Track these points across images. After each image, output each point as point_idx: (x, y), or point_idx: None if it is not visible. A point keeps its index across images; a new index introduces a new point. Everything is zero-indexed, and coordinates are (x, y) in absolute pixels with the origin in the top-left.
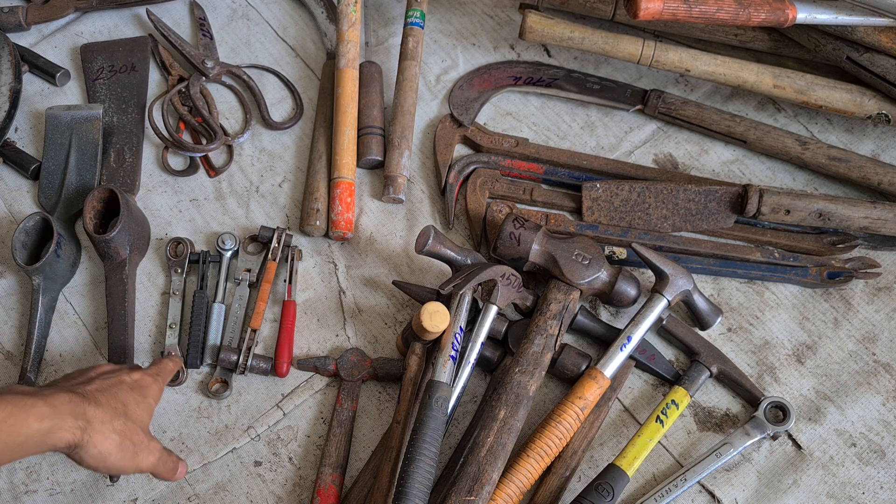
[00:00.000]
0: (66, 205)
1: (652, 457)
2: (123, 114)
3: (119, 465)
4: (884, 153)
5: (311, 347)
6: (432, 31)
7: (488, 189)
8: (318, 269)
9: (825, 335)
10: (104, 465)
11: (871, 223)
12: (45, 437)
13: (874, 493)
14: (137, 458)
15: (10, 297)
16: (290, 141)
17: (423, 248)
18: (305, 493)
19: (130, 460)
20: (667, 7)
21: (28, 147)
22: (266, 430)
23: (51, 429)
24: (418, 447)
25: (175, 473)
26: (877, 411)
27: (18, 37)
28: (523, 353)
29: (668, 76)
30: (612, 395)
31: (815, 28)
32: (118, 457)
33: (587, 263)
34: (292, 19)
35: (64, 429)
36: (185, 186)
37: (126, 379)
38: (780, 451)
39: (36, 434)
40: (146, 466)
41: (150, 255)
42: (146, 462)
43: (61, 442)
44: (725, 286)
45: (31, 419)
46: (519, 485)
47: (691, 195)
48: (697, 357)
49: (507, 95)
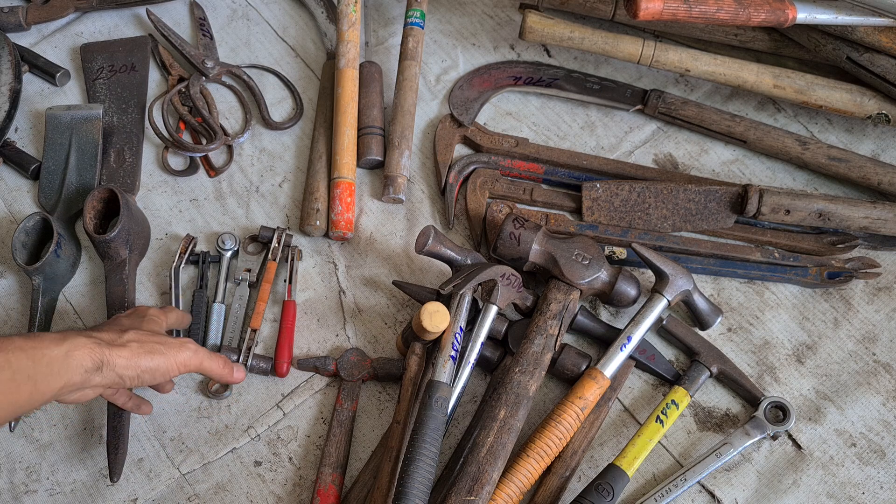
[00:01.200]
0: (66, 205)
1: (652, 457)
2: (123, 114)
3: (155, 365)
4: (884, 153)
5: (311, 347)
6: (432, 31)
7: (488, 189)
8: (318, 269)
9: (825, 335)
10: (141, 370)
11: (871, 223)
12: (68, 359)
13: (874, 493)
14: (171, 354)
15: (10, 297)
16: (290, 141)
17: (423, 248)
18: (305, 493)
19: (164, 358)
20: (667, 7)
21: (28, 147)
22: (266, 430)
23: (69, 349)
24: (418, 447)
25: (232, 373)
26: (877, 411)
27: (18, 37)
28: (523, 353)
29: (668, 76)
30: (612, 395)
31: (815, 28)
32: (149, 358)
33: (587, 263)
34: (292, 19)
35: (80, 346)
36: (185, 186)
37: (121, 315)
38: (780, 451)
39: (58, 356)
40: (185, 360)
41: (150, 255)
42: (182, 356)
43: (86, 360)
44: (725, 286)
45: (47, 342)
46: (519, 485)
47: (691, 195)
48: (697, 357)
49: (507, 95)
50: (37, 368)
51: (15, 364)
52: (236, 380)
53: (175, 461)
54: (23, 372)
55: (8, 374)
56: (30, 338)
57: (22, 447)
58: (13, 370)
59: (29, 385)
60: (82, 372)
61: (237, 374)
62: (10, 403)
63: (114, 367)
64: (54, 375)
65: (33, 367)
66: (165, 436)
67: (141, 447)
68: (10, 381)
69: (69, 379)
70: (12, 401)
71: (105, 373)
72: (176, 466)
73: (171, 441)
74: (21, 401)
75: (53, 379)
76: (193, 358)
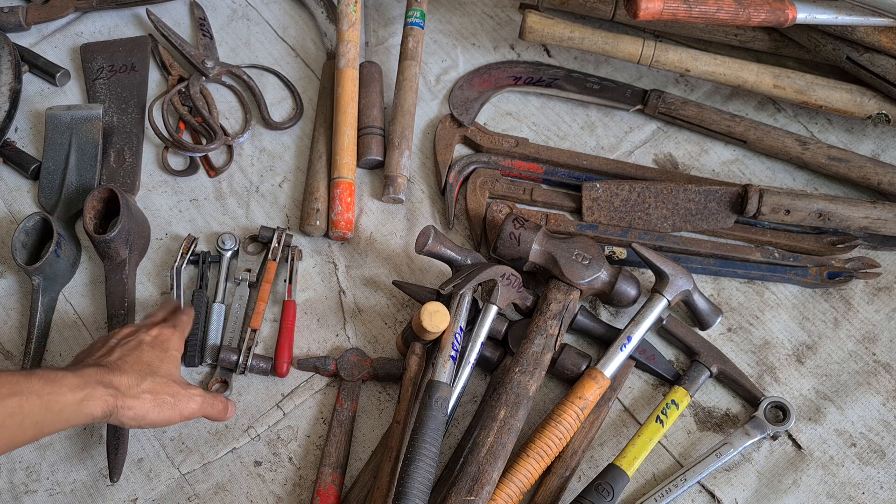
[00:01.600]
0: (66, 205)
1: (652, 457)
2: (123, 114)
3: (162, 419)
4: (884, 153)
5: (311, 347)
6: (432, 31)
7: (488, 189)
8: (318, 269)
9: (825, 335)
10: (146, 424)
11: (871, 223)
12: (80, 407)
13: (874, 493)
14: (179, 408)
15: (10, 297)
16: (290, 141)
17: (423, 248)
18: (305, 493)
19: (171, 411)
20: (667, 7)
21: (28, 147)
22: (266, 430)
23: (84, 398)
24: (418, 447)
25: (225, 414)
26: (877, 411)
27: (18, 37)
28: (523, 353)
29: (668, 76)
30: (612, 395)
31: (815, 28)
32: (157, 412)
33: (587, 263)
34: (292, 19)
35: (95, 398)
36: (185, 186)
37: (145, 339)
38: (780, 451)
39: (72, 404)
40: (191, 413)
41: (150, 255)
42: (189, 409)
43: (97, 410)
44: (725, 286)
45: (65, 389)
46: (519, 485)
47: (691, 195)
48: (697, 357)
49: (507, 95)
50: (47, 416)
51: (27, 410)
52: (227, 418)
53: (175, 461)
54: (32, 418)
55: (18, 419)
56: (49, 382)
57: (22, 447)
58: (23, 415)
59: (34, 429)
60: (90, 419)
61: (229, 413)
62: (9, 443)
63: (120, 417)
64: (62, 422)
65: (45, 414)
66: (165, 436)
67: (141, 447)
68: (17, 427)
69: (75, 423)
70: (13, 441)
71: (110, 419)
72: (176, 466)
73: (171, 441)
74: (21, 440)
75: (60, 424)
76: (198, 410)
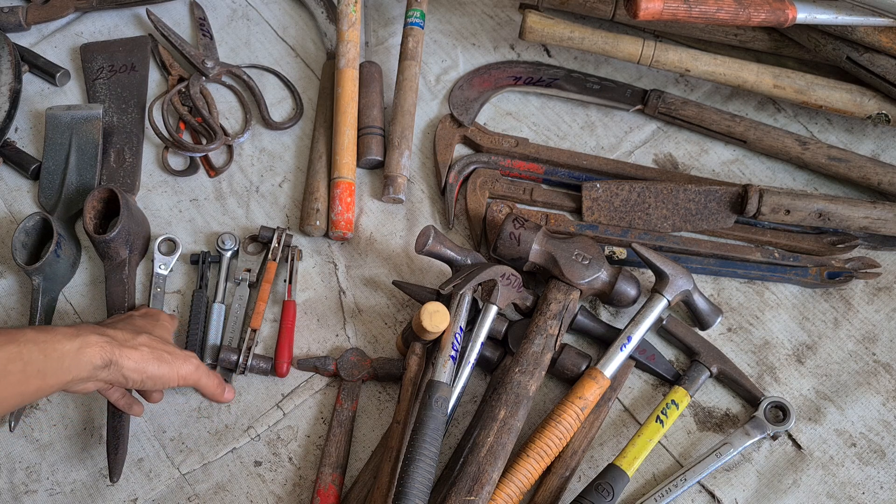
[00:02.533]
0: (66, 205)
1: (652, 457)
2: (124, 114)
3: (160, 374)
4: (884, 153)
5: (311, 347)
6: (432, 31)
7: (488, 189)
8: (318, 269)
9: (825, 335)
10: (146, 376)
11: (871, 223)
12: (79, 355)
13: (874, 493)
14: (176, 365)
15: (10, 297)
16: (290, 141)
17: (423, 248)
18: (305, 493)
19: (169, 369)
20: (667, 7)
21: (28, 147)
22: (266, 430)
23: (81, 345)
24: (418, 447)
25: (223, 394)
26: (877, 411)
27: (18, 37)
28: (523, 353)
29: (668, 76)
30: (612, 395)
31: (815, 28)
32: (157, 365)
33: (587, 263)
34: (292, 19)
35: (92, 344)
36: (185, 186)
37: (135, 314)
38: (780, 451)
39: (70, 351)
40: (187, 373)
41: (150, 255)
42: (185, 369)
43: (96, 358)
44: (725, 286)
45: (60, 337)
46: (519, 485)
47: (691, 195)
48: (697, 357)
49: (507, 95)
50: (48, 363)
51: (26, 357)
52: (226, 399)
53: (175, 461)
54: (34, 365)
55: (19, 366)
56: (42, 331)
57: (22, 447)
58: (24, 362)
59: (38, 378)
60: (91, 368)
61: (227, 394)
62: (19, 394)
63: (121, 367)
64: (64, 370)
65: (44, 361)
66: (165, 436)
67: (141, 447)
68: (20, 374)
69: (77, 374)
70: (20, 392)
71: (111, 371)
72: (176, 466)
73: (171, 441)
74: (28, 392)
75: (63, 373)
76: (194, 373)
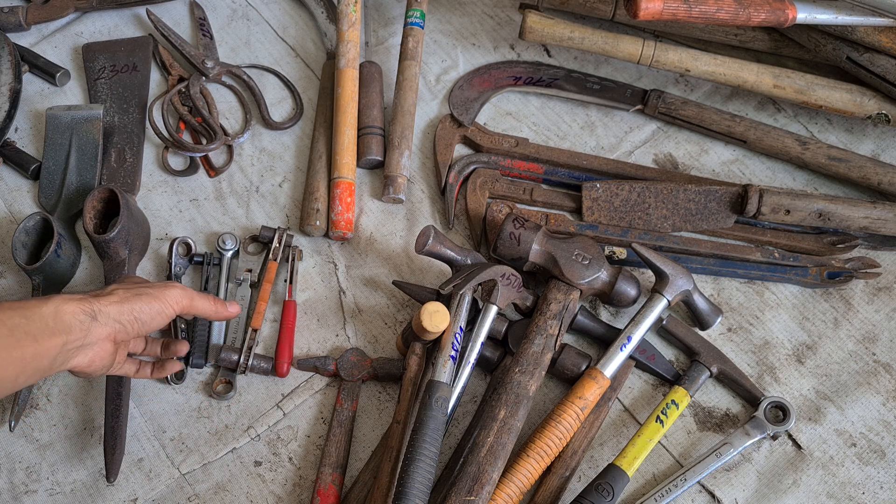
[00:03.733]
0: (67, 205)
1: (652, 457)
2: (124, 114)
3: (150, 307)
4: (884, 153)
5: (311, 347)
6: (432, 31)
7: (488, 189)
8: (319, 269)
9: (825, 335)
10: (137, 313)
11: (871, 223)
12: (59, 314)
13: (874, 493)
14: (161, 294)
15: (10, 297)
16: (290, 141)
17: (423, 248)
18: (305, 493)
19: (155, 299)
20: (667, 7)
21: (28, 147)
22: (266, 430)
23: (57, 305)
24: (418, 447)
25: (226, 307)
26: (877, 411)
27: (18, 37)
28: (523, 353)
29: (668, 76)
30: (612, 395)
31: (815, 28)
32: (143, 302)
33: (587, 263)
34: (292, 19)
35: (67, 301)
36: (186, 186)
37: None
38: (780, 451)
39: (49, 313)
40: (178, 297)
41: (149, 255)
42: (172, 293)
43: (78, 312)
44: (725, 286)
45: (34, 303)
46: (519, 485)
47: (691, 195)
48: (697, 357)
49: (507, 95)
50: (31, 324)
51: (9, 322)
52: (230, 314)
53: (175, 461)
54: (20, 328)
55: (5, 329)
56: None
57: (22, 447)
58: (9, 327)
59: (29, 341)
60: (78, 324)
61: (231, 308)
62: (18, 360)
63: (108, 314)
64: (51, 331)
65: (28, 323)
66: (165, 436)
67: (141, 447)
68: (9, 337)
69: (69, 334)
70: (19, 357)
71: (102, 321)
72: (176, 466)
73: (171, 441)
74: (27, 357)
75: (53, 334)
76: (184, 296)
